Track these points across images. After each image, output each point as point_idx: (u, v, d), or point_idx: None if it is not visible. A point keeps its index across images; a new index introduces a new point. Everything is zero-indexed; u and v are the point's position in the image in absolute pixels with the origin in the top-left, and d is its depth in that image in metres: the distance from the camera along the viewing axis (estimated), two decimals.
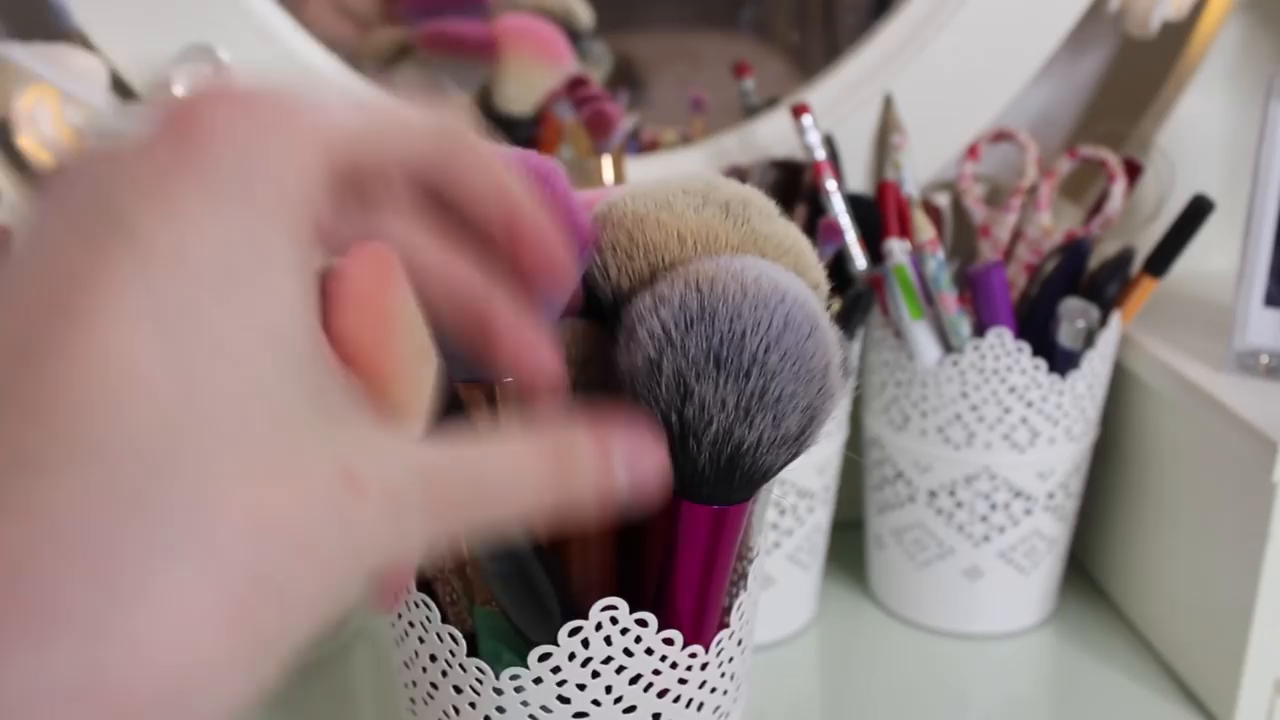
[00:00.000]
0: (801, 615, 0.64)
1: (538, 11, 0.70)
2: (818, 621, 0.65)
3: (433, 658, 0.33)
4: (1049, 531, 0.61)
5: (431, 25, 0.70)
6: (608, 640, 0.32)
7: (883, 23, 0.67)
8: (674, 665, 0.33)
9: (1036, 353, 0.57)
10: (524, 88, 0.69)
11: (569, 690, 0.32)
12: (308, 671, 0.59)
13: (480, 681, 0.33)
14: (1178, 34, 0.70)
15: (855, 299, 0.57)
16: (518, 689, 0.32)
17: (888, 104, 0.66)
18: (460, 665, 0.33)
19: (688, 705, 0.34)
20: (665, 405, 0.29)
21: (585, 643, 0.32)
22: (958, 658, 0.62)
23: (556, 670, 0.32)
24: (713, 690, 0.34)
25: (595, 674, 0.32)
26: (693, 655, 0.33)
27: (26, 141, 0.61)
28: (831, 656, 0.63)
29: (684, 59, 0.76)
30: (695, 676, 0.33)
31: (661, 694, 0.33)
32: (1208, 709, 0.57)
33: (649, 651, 0.32)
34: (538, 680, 0.32)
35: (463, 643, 0.32)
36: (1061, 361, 0.58)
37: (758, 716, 0.58)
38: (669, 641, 0.32)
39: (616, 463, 0.25)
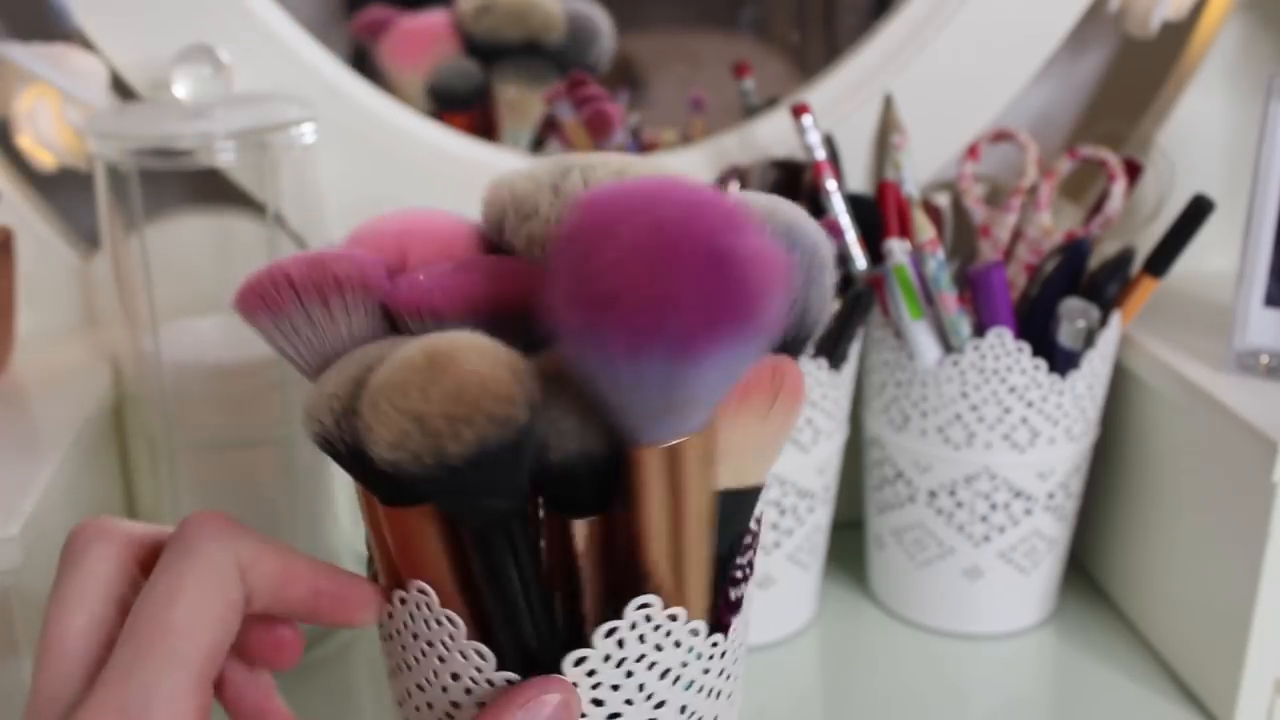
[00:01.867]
0: (801, 615, 0.64)
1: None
2: (818, 621, 0.65)
3: (455, 676, 0.33)
4: (1049, 531, 0.61)
5: (368, 12, 0.70)
6: (641, 639, 0.32)
7: (883, 23, 0.67)
8: (699, 656, 0.33)
9: (1036, 353, 0.57)
10: (399, 85, 0.69)
11: (603, 693, 0.32)
12: (308, 671, 0.59)
13: None
14: (1178, 34, 0.70)
15: (855, 299, 0.57)
16: None
17: (888, 104, 0.66)
18: (489, 680, 0.32)
19: (709, 694, 0.34)
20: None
21: (621, 643, 0.32)
22: (958, 658, 0.62)
23: (591, 674, 0.32)
24: (729, 677, 0.35)
25: (629, 674, 0.32)
26: (714, 645, 0.33)
27: (26, 141, 0.61)
28: (831, 656, 0.63)
29: (684, 59, 0.76)
30: (716, 665, 0.34)
31: (688, 685, 0.33)
32: (1208, 709, 0.57)
33: (677, 645, 0.32)
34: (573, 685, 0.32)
35: (491, 659, 0.32)
36: (1061, 361, 0.58)
37: (758, 716, 0.58)
38: (695, 633, 0.32)
39: None
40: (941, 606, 0.63)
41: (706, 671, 0.34)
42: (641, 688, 0.32)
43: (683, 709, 0.33)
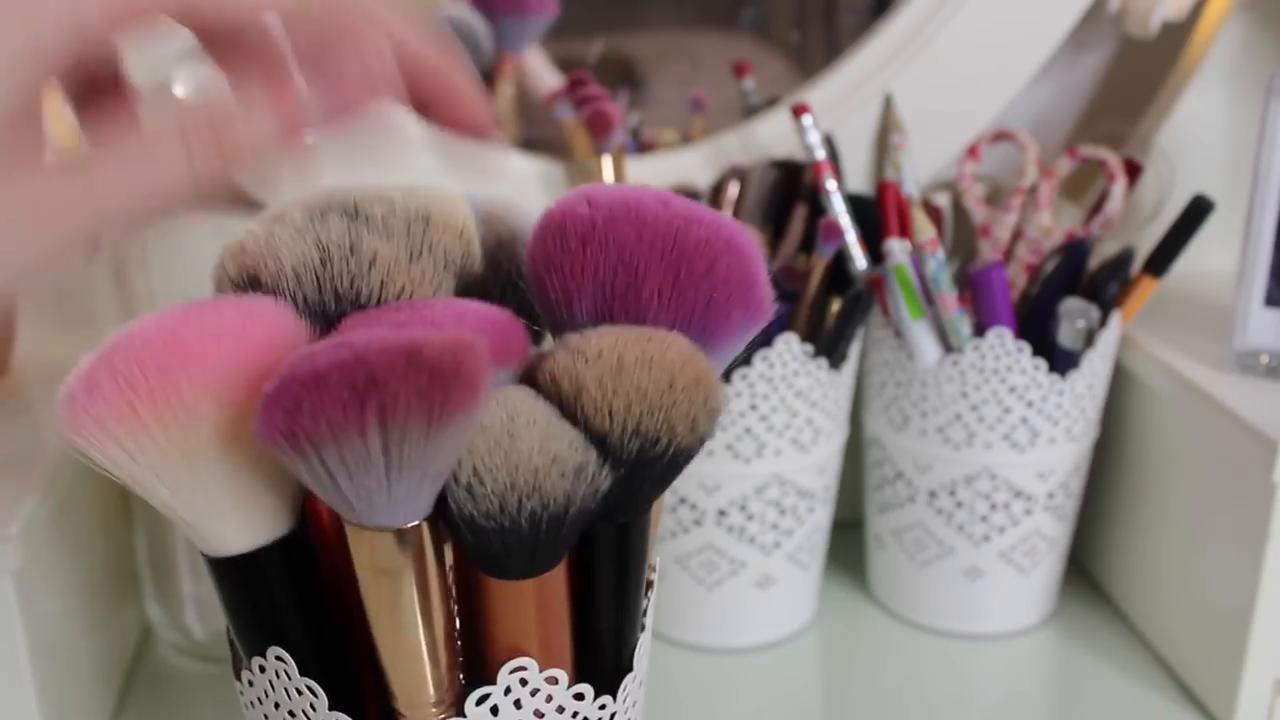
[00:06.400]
0: (801, 615, 0.64)
1: None
2: (818, 621, 0.65)
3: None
4: (1049, 531, 0.61)
5: None
6: (517, 704, 0.31)
7: (883, 23, 0.67)
8: None
9: (1036, 353, 0.57)
10: None
11: None
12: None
13: None
14: (1178, 34, 0.70)
15: (855, 299, 0.57)
16: None
17: (888, 104, 0.66)
18: None
19: None
20: None
21: (495, 710, 0.31)
22: (958, 658, 0.62)
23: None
24: None
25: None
26: (602, 708, 0.32)
27: None
28: (831, 656, 0.63)
29: (684, 59, 0.76)
30: None
31: None
32: (1208, 709, 0.57)
33: (560, 710, 0.31)
34: None
35: (323, 696, 0.31)
36: (1061, 361, 0.58)
37: (758, 716, 0.58)
38: (579, 697, 0.32)
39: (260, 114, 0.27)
40: (941, 606, 0.63)
41: None
42: None
43: None
